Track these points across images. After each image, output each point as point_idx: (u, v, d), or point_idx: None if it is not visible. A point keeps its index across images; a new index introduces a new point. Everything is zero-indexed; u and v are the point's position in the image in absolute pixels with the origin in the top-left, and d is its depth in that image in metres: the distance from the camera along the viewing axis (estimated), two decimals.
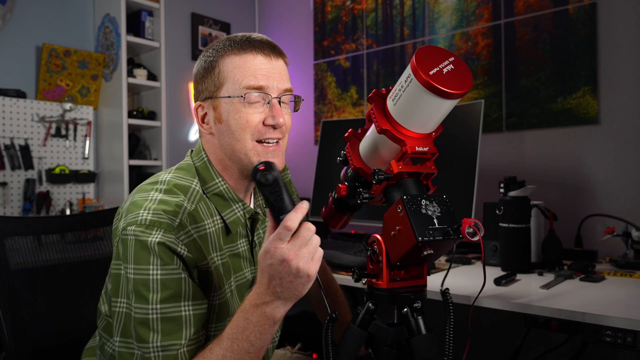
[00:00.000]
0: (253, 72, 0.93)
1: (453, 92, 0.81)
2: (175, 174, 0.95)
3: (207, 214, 0.93)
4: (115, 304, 0.86)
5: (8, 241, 1.23)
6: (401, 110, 0.88)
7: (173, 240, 0.83)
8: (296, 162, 2.91)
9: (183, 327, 0.83)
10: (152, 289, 0.81)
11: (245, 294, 1.00)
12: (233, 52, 0.94)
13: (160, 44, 2.69)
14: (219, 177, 0.97)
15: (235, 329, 0.81)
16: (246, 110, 0.92)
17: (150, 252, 0.82)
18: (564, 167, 2.02)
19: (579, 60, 1.98)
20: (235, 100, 0.92)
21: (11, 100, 2.35)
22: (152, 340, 0.81)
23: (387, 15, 2.60)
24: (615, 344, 1.07)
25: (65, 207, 2.50)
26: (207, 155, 0.98)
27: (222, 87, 0.94)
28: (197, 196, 0.93)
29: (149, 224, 0.83)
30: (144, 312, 0.81)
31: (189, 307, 0.84)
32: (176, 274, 0.83)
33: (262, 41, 0.96)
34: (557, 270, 1.57)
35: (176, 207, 0.87)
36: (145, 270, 0.82)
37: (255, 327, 0.80)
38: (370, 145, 0.99)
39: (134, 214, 0.85)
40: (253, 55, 0.94)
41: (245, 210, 0.99)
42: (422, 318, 0.92)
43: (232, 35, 0.98)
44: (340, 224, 1.16)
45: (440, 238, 0.85)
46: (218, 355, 0.80)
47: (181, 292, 0.83)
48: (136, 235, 0.83)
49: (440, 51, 0.86)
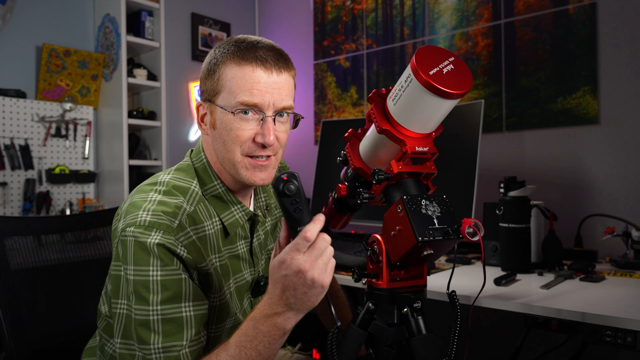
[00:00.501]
0: (249, 87, 0.88)
1: (453, 92, 0.81)
2: (174, 175, 0.95)
3: (206, 216, 0.93)
4: (116, 305, 0.86)
5: (8, 241, 1.23)
6: (401, 110, 0.88)
7: (172, 242, 0.83)
8: (296, 162, 2.91)
9: (184, 328, 0.82)
10: (152, 290, 0.81)
11: (245, 295, 1.00)
12: (234, 60, 0.90)
13: (160, 44, 2.69)
14: (217, 179, 0.96)
15: (244, 337, 0.80)
16: (237, 125, 0.89)
17: (149, 254, 0.82)
18: (564, 167, 2.02)
19: (579, 60, 1.98)
20: (228, 113, 0.90)
21: (11, 100, 2.35)
22: (153, 341, 0.80)
23: (387, 15, 2.60)
24: (615, 344, 1.07)
25: (65, 207, 2.50)
26: (206, 157, 0.98)
27: (219, 95, 0.91)
28: (196, 198, 0.92)
29: (148, 225, 0.83)
30: (144, 314, 0.81)
31: (189, 308, 0.84)
32: (176, 274, 0.83)
33: (267, 51, 0.91)
34: (557, 270, 1.57)
35: (175, 209, 0.87)
36: (145, 271, 0.82)
37: (265, 337, 0.79)
38: (370, 146, 0.99)
39: (132, 215, 0.85)
40: (252, 68, 0.88)
41: (244, 212, 0.98)
42: (422, 318, 0.92)
43: (241, 37, 0.94)
44: (341, 224, 1.15)
45: (440, 238, 0.85)
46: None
47: (182, 292, 0.83)
48: (135, 236, 0.82)
49: (440, 51, 0.86)
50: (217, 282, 0.91)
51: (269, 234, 1.09)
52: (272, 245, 1.09)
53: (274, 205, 1.12)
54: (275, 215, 1.13)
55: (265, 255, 1.07)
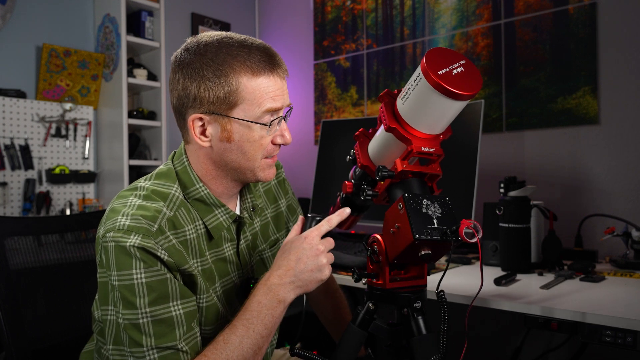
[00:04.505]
0: (273, 93, 0.90)
1: (460, 92, 0.81)
2: (155, 180, 0.94)
3: (187, 220, 0.92)
4: (105, 312, 0.85)
5: (8, 241, 1.23)
6: (409, 110, 0.88)
7: (152, 245, 0.82)
8: (296, 162, 2.91)
9: (175, 327, 0.82)
10: (139, 294, 0.81)
11: (234, 298, 0.99)
12: (252, 70, 0.88)
13: (160, 44, 2.68)
14: (200, 182, 0.94)
15: (249, 314, 0.84)
16: (261, 133, 0.91)
17: (131, 257, 0.81)
18: (564, 167, 2.02)
19: (579, 60, 1.98)
20: (252, 124, 0.89)
21: (11, 100, 2.35)
22: (145, 343, 0.80)
23: (387, 15, 2.60)
24: (615, 344, 1.07)
25: (65, 207, 2.50)
26: (187, 160, 0.96)
27: (237, 107, 0.88)
28: (176, 202, 0.91)
29: (127, 229, 0.82)
30: (133, 318, 0.81)
31: (178, 307, 0.84)
32: (160, 275, 0.83)
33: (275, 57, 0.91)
34: (557, 270, 1.57)
35: (155, 212, 0.86)
36: (128, 275, 0.81)
37: (269, 310, 0.85)
38: (378, 145, 0.99)
39: (112, 220, 0.84)
40: (273, 76, 0.90)
41: (228, 215, 0.97)
42: (422, 318, 0.92)
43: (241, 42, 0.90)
44: (347, 224, 1.15)
45: (438, 238, 0.85)
46: (235, 342, 0.82)
47: (168, 292, 0.83)
48: (116, 240, 0.82)
49: (452, 54, 0.86)
50: (202, 284, 0.90)
51: (258, 235, 1.07)
52: (263, 246, 1.07)
53: (261, 206, 1.10)
54: (265, 215, 1.11)
55: (257, 257, 1.06)
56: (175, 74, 0.91)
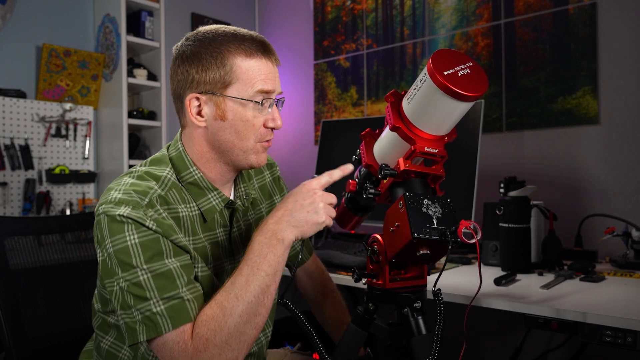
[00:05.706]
0: (265, 76, 0.94)
1: (464, 93, 0.81)
2: (149, 166, 0.98)
3: (179, 201, 0.95)
4: (111, 284, 0.86)
5: (8, 241, 1.23)
6: (414, 110, 0.89)
7: (141, 216, 0.85)
8: (296, 162, 2.91)
9: (175, 278, 0.85)
10: (134, 254, 0.83)
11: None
12: (246, 52, 0.94)
13: (160, 44, 2.69)
14: (193, 165, 0.98)
15: (251, 254, 0.87)
16: (254, 113, 0.95)
17: (122, 222, 0.84)
18: (564, 167, 2.02)
19: (579, 60, 1.98)
20: (245, 102, 0.94)
21: (11, 100, 2.35)
22: (150, 296, 0.82)
23: (387, 15, 2.60)
24: (615, 344, 1.07)
25: (65, 207, 2.50)
26: (182, 146, 0.99)
27: (231, 86, 0.93)
28: (168, 183, 0.95)
29: (118, 202, 0.86)
30: (134, 277, 0.83)
31: (173, 261, 0.86)
32: (152, 235, 0.86)
33: (268, 45, 0.97)
34: (557, 270, 1.57)
35: (147, 188, 0.90)
36: (122, 239, 0.84)
37: (269, 249, 0.87)
38: (383, 144, 0.99)
39: (105, 196, 0.89)
40: (265, 60, 0.95)
41: (221, 199, 1.00)
42: (422, 318, 0.92)
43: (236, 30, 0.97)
44: (351, 224, 1.15)
45: (437, 238, 0.85)
46: (241, 282, 0.85)
47: (162, 250, 0.85)
48: (106, 211, 0.86)
49: (459, 55, 0.87)
50: (195, 255, 0.93)
51: (252, 227, 1.09)
52: None
53: (254, 196, 1.12)
54: (260, 210, 1.13)
55: None
56: (175, 62, 0.97)
